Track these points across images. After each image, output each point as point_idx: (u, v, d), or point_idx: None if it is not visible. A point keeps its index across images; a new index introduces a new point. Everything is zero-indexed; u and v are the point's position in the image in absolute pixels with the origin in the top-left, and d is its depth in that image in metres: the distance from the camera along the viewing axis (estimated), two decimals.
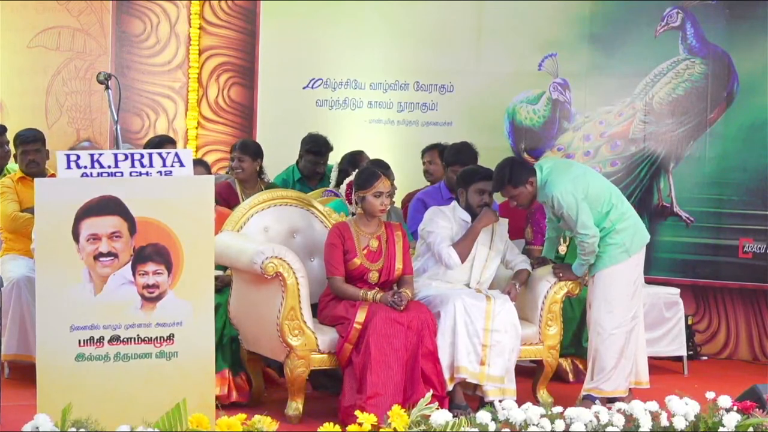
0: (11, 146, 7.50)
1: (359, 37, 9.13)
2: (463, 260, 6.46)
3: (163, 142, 7.73)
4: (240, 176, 7.67)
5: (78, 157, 5.04)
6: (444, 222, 6.52)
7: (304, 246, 6.58)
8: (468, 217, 6.56)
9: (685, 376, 7.89)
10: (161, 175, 5.11)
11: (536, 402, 6.00)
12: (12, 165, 7.62)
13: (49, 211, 4.94)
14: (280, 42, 9.12)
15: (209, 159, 8.82)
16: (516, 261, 6.67)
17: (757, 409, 5.39)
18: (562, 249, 7.54)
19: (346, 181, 6.84)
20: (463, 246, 6.46)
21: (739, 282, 8.64)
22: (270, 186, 7.63)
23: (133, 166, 5.09)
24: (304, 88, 9.12)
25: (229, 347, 6.51)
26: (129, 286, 5.01)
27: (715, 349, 8.74)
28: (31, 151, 7.23)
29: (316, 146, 8.14)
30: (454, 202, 6.67)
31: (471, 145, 7.64)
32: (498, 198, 7.56)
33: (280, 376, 6.63)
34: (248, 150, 7.70)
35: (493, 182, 6.55)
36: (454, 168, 7.43)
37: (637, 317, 6.52)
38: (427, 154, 8.11)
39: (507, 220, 6.78)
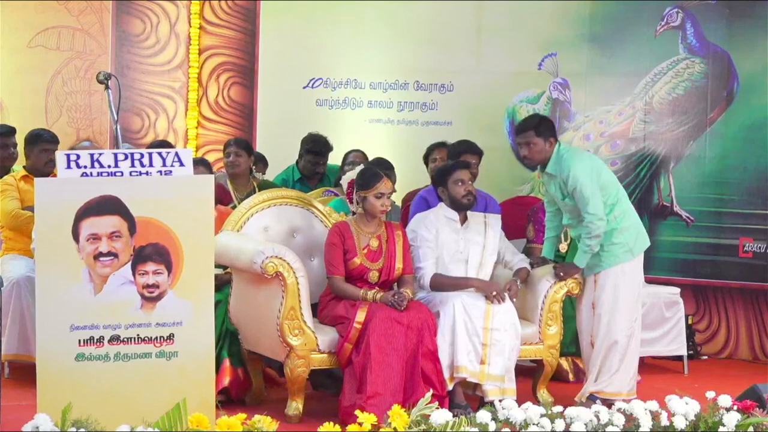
0: (24, 144, 7.46)
1: (359, 37, 9.13)
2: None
3: (158, 147, 7.72)
4: (236, 171, 7.67)
5: (78, 156, 5.05)
6: (427, 233, 6.43)
7: (304, 246, 6.58)
8: (455, 215, 6.50)
9: (686, 376, 7.89)
10: (161, 174, 5.12)
11: (536, 402, 6.00)
12: (17, 165, 7.62)
13: (49, 211, 4.94)
14: (280, 42, 9.12)
15: (209, 159, 8.81)
16: (515, 261, 6.65)
17: (757, 409, 5.39)
18: (563, 247, 7.55)
19: (345, 178, 6.85)
20: (446, 285, 6.36)
21: (740, 281, 8.63)
22: (263, 184, 7.62)
23: (133, 165, 5.09)
24: (304, 87, 9.12)
25: (229, 339, 6.50)
26: (129, 285, 5.01)
27: (715, 348, 8.74)
28: (52, 150, 7.24)
29: (315, 146, 8.15)
30: (441, 203, 6.61)
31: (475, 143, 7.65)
32: (500, 196, 7.57)
33: (280, 376, 6.63)
34: (245, 145, 7.75)
35: (519, 124, 6.55)
36: (461, 159, 7.41)
37: (636, 321, 6.52)
38: (437, 151, 8.02)
39: (499, 216, 6.72)
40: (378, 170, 6.36)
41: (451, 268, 6.43)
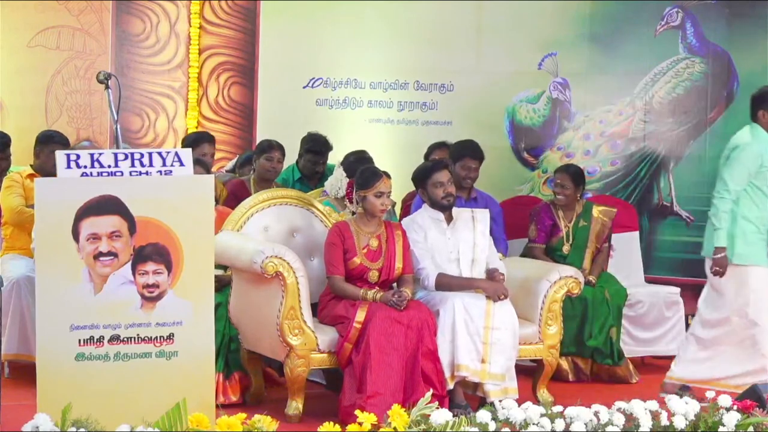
0: (35, 143, 7.45)
1: (359, 36, 9.13)
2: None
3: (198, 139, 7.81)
4: (271, 177, 7.66)
5: (78, 156, 5.04)
6: (416, 236, 6.40)
7: (304, 245, 6.58)
8: (440, 215, 6.46)
9: None
10: (161, 174, 5.11)
11: (536, 401, 5.99)
12: (16, 167, 7.62)
13: (49, 210, 4.94)
14: (280, 42, 9.13)
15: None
16: (490, 260, 6.53)
17: (757, 409, 5.39)
18: (566, 248, 7.55)
19: (336, 177, 6.86)
20: (452, 286, 6.34)
21: None
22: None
23: (133, 165, 5.09)
24: (304, 87, 9.13)
25: (226, 348, 6.51)
26: (129, 285, 5.01)
27: None
28: None
29: (315, 146, 8.14)
30: (425, 204, 6.58)
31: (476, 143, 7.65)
32: (500, 196, 7.56)
33: (280, 375, 6.63)
34: (284, 153, 7.73)
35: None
36: (463, 162, 7.40)
37: None
38: (437, 152, 8.01)
39: (487, 211, 6.67)
40: (378, 169, 6.36)
41: (445, 268, 6.40)
